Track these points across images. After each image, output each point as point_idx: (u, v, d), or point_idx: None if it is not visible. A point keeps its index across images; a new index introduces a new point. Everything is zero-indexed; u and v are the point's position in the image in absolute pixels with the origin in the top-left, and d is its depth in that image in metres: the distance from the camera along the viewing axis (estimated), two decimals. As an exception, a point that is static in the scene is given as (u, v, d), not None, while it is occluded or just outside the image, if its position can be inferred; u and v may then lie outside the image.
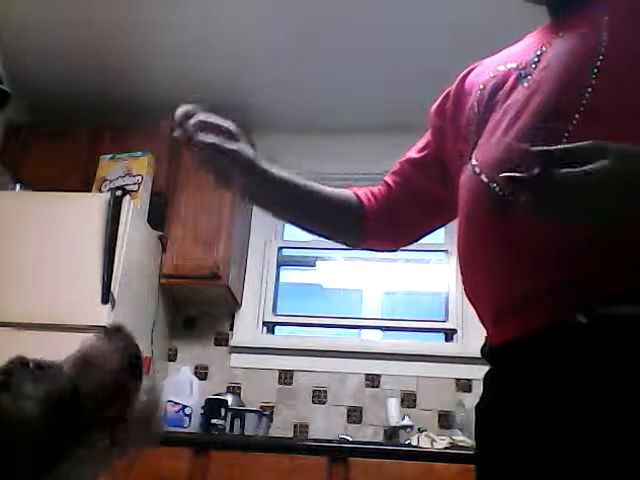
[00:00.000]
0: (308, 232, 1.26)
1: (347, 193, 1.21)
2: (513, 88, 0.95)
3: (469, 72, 1.13)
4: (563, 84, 0.88)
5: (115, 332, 0.78)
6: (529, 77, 0.93)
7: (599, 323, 0.77)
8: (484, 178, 0.90)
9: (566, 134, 0.83)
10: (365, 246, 1.26)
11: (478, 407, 0.95)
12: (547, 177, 0.68)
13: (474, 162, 0.95)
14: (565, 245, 0.80)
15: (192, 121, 1.01)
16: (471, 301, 0.98)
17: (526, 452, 0.81)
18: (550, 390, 0.80)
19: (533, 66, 0.94)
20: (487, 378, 0.94)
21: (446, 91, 1.17)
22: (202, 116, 1.02)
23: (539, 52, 0.95)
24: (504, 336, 0.88)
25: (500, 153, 0.89)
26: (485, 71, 1.06)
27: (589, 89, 0.84)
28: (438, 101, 1.18)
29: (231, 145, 1.02)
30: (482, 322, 0.97)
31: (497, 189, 0.87)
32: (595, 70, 0.85)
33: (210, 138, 1.00)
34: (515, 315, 0.86)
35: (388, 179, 1.22)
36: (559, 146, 0.73)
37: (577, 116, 0.83)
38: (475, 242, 0.93)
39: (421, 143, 1.21)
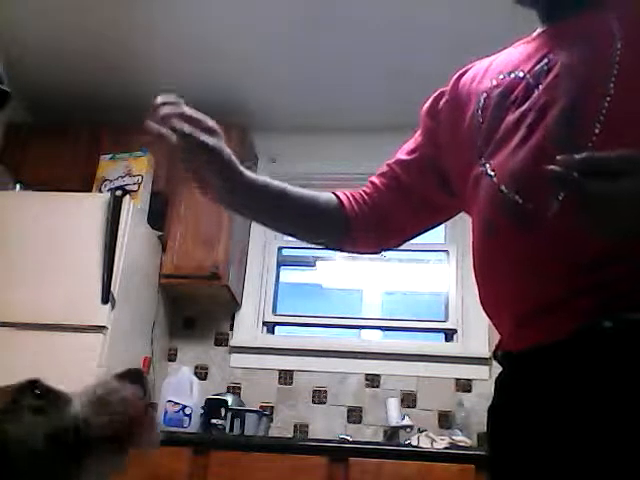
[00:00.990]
0: (289, 235, 1.23)
1: (326, 195, 1.17)
2: (524, 97, 0.93)
3: (462, 74, 1.12)
4: (581, 93, 0.87)
5: (134, 376, 0.78)
6: (540, 86, 0.92)
7: (624, 329, 0.76)
8: (503, 188, 0.89)
9: (589, 144, 0.82)
10: (347, 249, 1.22)
11: (492, 410, 0.93)
12: (584, 184, 0.68)
13: (490, 172, 0.93)
14: (588, 253, 0.80)
15: (172, 109, 0.96)
16: (485, 307, 0.97)
17: (559, 460, 0.80)
18: (577, 396, 0.79)
19: (543, 75, 0.92)
20: (501, 381, 0.93)
21: (438, 92, 1.15)
22: (185, 109, 0.97)
23: (547, 60, 0.94)
24: (524, 342, 0.87)
25: (519, 164, 0.88)
26: (484, 78, 1.04)
27: (607, 98, 0.84)
28: (429, 102, 1.16)
29: (209, 140, 0.97)
30: (496, 326, 0.96)
31: (518, 199, 0.87)
32: (612, 79, 0.85)
33: (188, 128, 0.95)
34: (537, 321, 0.85)
35: (376, 180, 1.19)
36: (602, 154, 0.71)
37: (598, 125, 0.83)
38: (494, 250, 0.92)
39: (411, 145, 1.18)
